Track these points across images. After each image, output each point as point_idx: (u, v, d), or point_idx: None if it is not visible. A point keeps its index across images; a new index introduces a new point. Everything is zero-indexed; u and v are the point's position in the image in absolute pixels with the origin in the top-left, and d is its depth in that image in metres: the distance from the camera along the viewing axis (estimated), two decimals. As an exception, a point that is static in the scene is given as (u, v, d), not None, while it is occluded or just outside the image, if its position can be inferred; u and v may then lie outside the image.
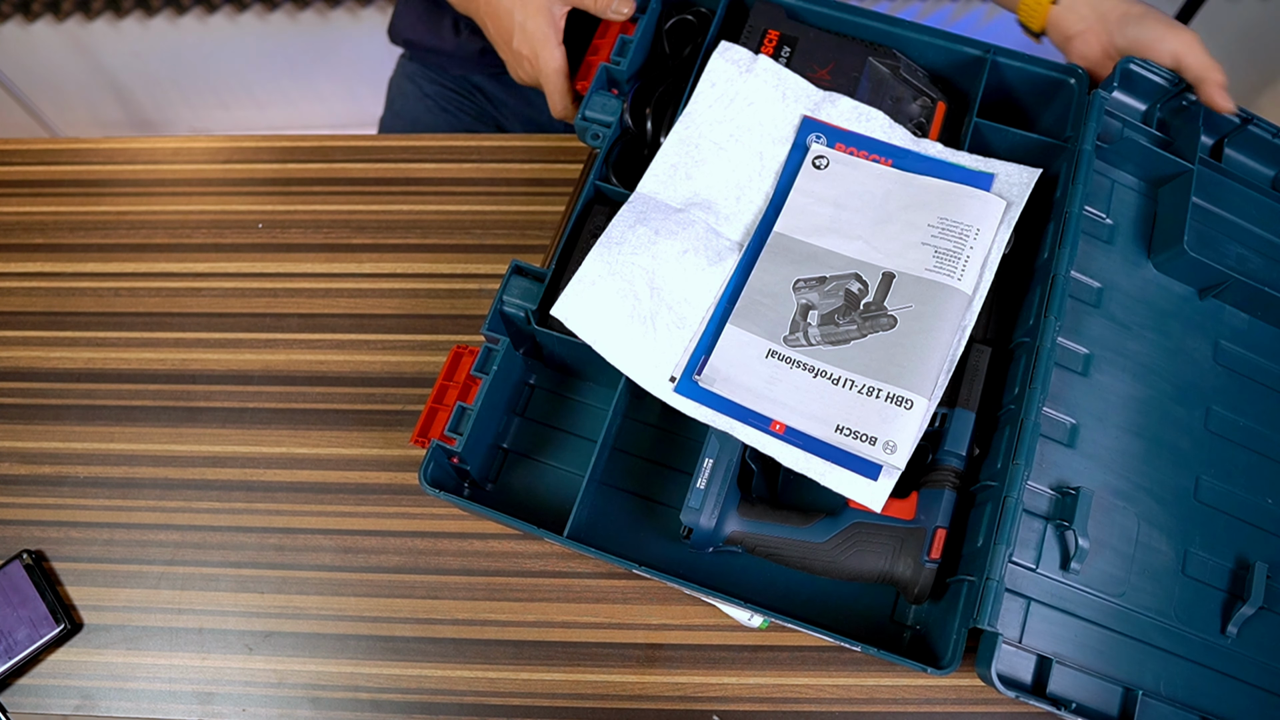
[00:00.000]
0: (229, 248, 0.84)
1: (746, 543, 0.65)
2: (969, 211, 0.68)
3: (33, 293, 0.83)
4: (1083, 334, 0.69)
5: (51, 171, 0.88)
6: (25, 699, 0.70)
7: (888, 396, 0.63)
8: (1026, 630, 0.63)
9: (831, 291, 0.67)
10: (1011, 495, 0.60)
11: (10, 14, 1.53)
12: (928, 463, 0.65)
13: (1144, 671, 0.64)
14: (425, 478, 0.64)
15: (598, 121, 0.72)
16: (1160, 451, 0.68)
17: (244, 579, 0.73)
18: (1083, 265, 0.70)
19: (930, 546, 0.62)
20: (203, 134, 1.54)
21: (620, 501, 0.71)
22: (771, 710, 0.69)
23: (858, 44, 0.74)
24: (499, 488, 0.73)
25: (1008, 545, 0.59)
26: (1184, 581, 0.66)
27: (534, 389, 0.75)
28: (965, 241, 0.67)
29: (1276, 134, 0.73)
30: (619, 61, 0.73)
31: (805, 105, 0.72)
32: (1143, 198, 0.74)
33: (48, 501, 0.76)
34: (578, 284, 0.65)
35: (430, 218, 0.85)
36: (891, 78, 0.73)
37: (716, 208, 0.70)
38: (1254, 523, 0.68)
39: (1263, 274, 0.73)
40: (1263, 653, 0.65)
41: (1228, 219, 0.74)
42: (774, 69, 0.73)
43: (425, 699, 0.70)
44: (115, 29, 1.56)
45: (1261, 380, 0.72)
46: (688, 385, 0.65)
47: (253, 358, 0.80)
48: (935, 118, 0.74)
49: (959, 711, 0.69)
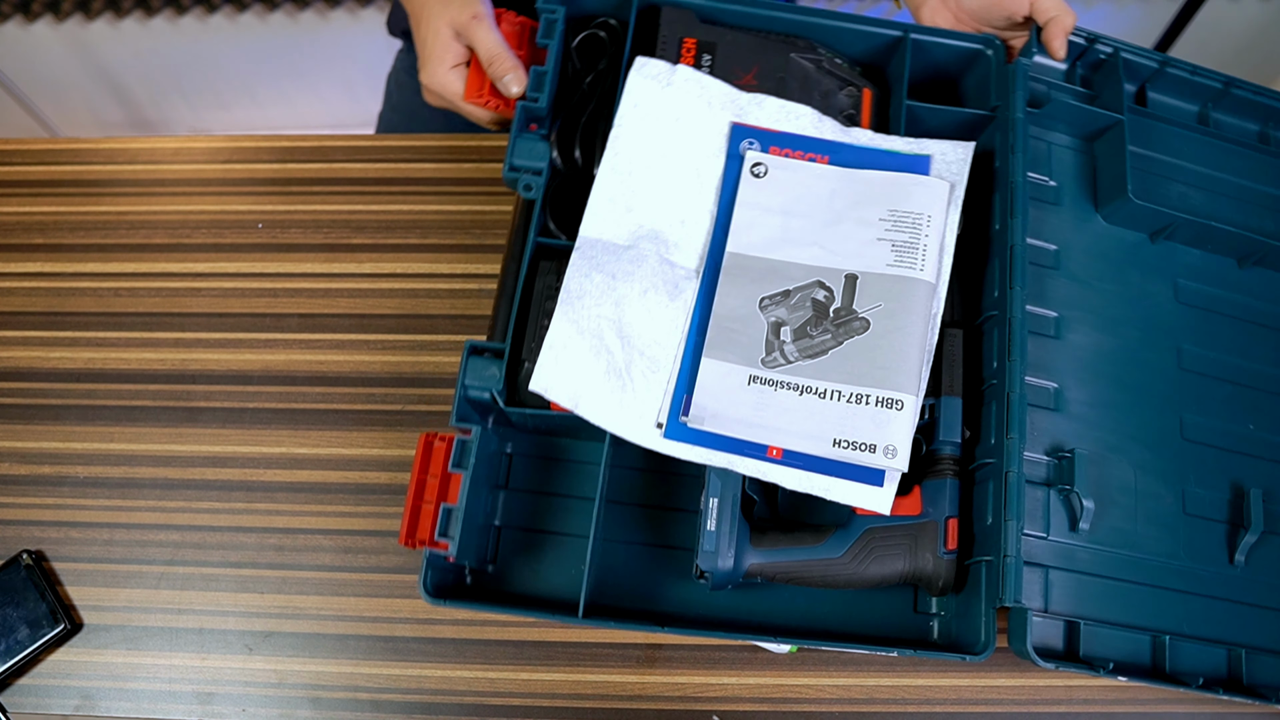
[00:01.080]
0: (229, 248, 0.84)
1: (766, 573, 0.63)
2: (916, 199, 0.67)
3: (33, 293, 0.83)
4: (1048, 298, 0.70)
5: (51, 171, 0.88)
6: (25, 699, 0.70)
7: (877, 401, 0.62)
8: (1050, 598, 0.63)
9: (798, 304, 0.66)
10: (1013, 470, 0.61)
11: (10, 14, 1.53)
12: (924, 454, 0.65)
13: (1166, 615, 0.65)
14: (427, 588, 0.61)
15: (527, 170, 0.68)
16: (1142, 399, 0.69)
17: (244, 579, 0.73)
18: (1035, 230, 0.71)
19: (945, 537, 0.62)
20: (203, 134, 1.54)
21: (627, 555, 0.69)
22: (771, 710, 0.69)
23: (778, 41, 0.73)
24: (500, 566, 0.70)
25: (1018, 520, 0.60)
26: (1187, 521, 0.67)
27: (512, 457, 0.72)
28: (919, 230, 0.66)
29: (1193, 71, 0.75)
30: (536, 97, 0.69)
31: (732, 111, 0.71)
32: (1080, 155, 0.75)
33: (48, 501, 0.76)
34: (549, 351, 0.63)
35: (430, 218, 0.85)
36: (816, 71, 0.73)
37: (664, 236, 0.68)
38: (1241, 450, 0.70)
39: (1205, 208, 0.75)
40: (1272, 575, 0.67)
41: (1163, 160, 0.75)
42: (695, 78, 0.70)
43: (425, 699, 0.70)
44: (115, 29, 1.56)
45: (1223, 311, 0.73)
46: (677, 428, 0.63)
47: (253, 358, 0.80)
48: (864, 105, 0.73)
49: (959, 711, 0.69)
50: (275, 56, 1.64)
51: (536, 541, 0.70)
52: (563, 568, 0.70)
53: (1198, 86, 0.76)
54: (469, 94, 0.73)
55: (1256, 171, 0.77)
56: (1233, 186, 0.76)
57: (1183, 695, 0.69)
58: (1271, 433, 0.71)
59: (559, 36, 0.71)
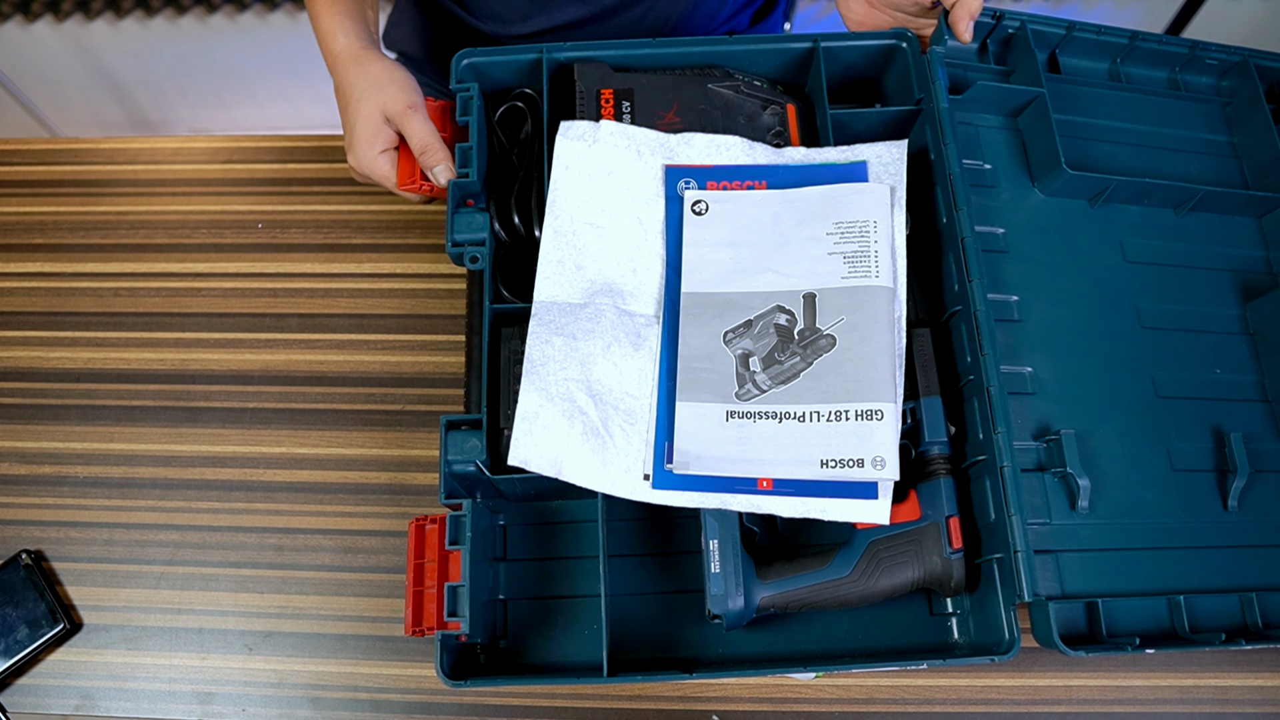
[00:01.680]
0: (229, 248, 0.84)
1: (778, 604, 0.63)
2: (859, 207, 0.67)
3: (33, 293, 0.83)
4: (1004, 282, 0.70)
5: (51, 171, 0.88)
6: (25, 699, 0.70)
7: (857, 414, 0.62)
8: (1064, 582, 0.63)
9: (761, 332, 0.65)
10: (1006, 465, 0.61)
11: (10, 14, 1.53)
12: (914, 459, 0.65)
13: (1175, 574, 0.65)
14: (445, 671, 0.59)
15: (470, 243, 0.68)
16: (1112, 365, 0.70)
17: (244, 579, 0.73)
18: (979, 216, 0.71)
19: (949, 537, 0.62)
20: (203, 134, 1.54)
21: (639, 606, 0.69)
22: (771, 710, 0.69)
23: (693, 76, 0.73)
24: (512, 640, 0.68)
25: (1021, 514, 0.60)
26: (1177, 477, 0.67)
27: (506, 528, 0.71)
28: (868, 238, 0.66)
29: (1099, 31, 0.76)
30: (466, 173, 0.69)
31: (662, 155, 0.71)
32: (1008, 132, 0.75)
33: (48, 501, 0.76)
34: (522, 424, 0.63)
35: (430, 218, 0.85)
36: (736, 97, 0.73)
37: (618, 287, 0.68)
38: (1214, 396, 0.70)
39: (1134, 163, 0.76)
40: (1266, 514, 0.68)
41: (1087, 123, 0.76)
42: (619, 130, 0.70)
43: (425, 699, 0.70)
44: (115, 29, 1.56)
45: (1169, 262, 0.74)
46: (664, 477, 0.63)
47: (253, 358, 0.80)
48: (790, 122, 0.73)
49: (959, 711, 0.69)
50: (275, 56, 1.64)
51: (545, 608, 0.69)
52: (577, 630, 0.68)
53: (1105, 45, 0.77)
54: (402, 181, 0.73)
55: (1172, 117, 0.78)
56: (1154, 136, 0.77)
57: (1182, 695, 0.69)
58: (1237, 373, 0.71)
59: (478, 111, 0.71)
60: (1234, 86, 0.80)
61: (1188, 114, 0.79)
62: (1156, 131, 0.78)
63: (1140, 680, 0.70)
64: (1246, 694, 0.70)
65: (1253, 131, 0.78)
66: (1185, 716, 0.69)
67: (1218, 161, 0.78)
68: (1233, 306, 0.73)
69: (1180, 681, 0.70)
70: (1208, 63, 0.79)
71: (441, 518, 0.63)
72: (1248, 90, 0.78)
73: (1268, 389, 0.71)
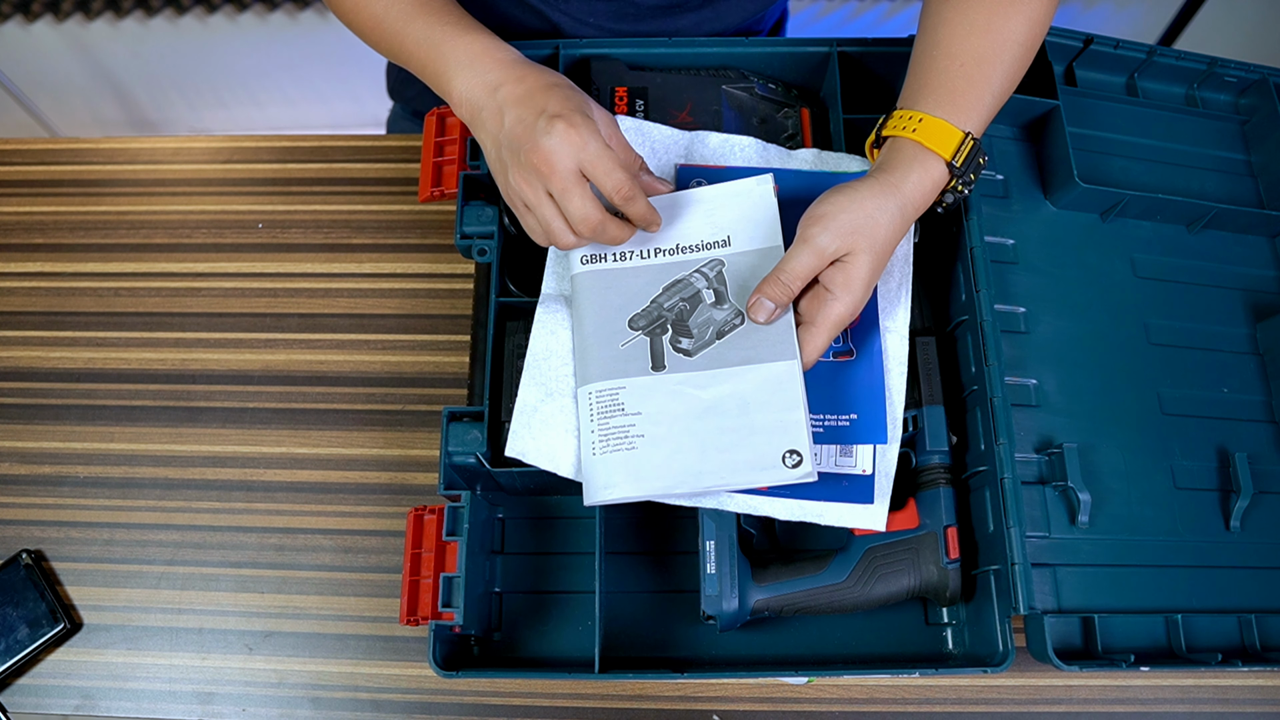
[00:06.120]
0: (229, 248, 0.84)
1: (772, 607, 0.63)
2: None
3: (33, 293, 0.83)
4: (1012, 293, 0.70)
5: (51, 171, 0.88)
6: (25, 699, 0.70)
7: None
8: (1061, 597, 0.63)
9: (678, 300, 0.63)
10: (1007, 476, 0.61)
11: (10, 14, 1.53)
12: (913, 467, 0.65)
13: (1173, 593, 0.65)
14: (437, 661, 0.60)
15: (479, 235, 0.68)
16: (1118, 380, 0.69)
17: (244, 579, 0.73)
18: (990, 226, 0.71)
19: (946, 547, 0.62)
20: (203, 134, 1.54)
21: (634, 604, 0.69)
22: (771, 710, 0.69)
23: (707, 76, 0.73)
24: (506, 633, 0.69)
25: (1020, 526, 0.60)
26: (1179, 495, 0.67)
27: (505, 522, 0.71)
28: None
29: (1116, 45, 0.76)
30: (477, 165, 0.69)
31: (676, 153, 0.70)
32: (1021, 144, 0.75)
33: (48, 501, 0.76)
34: (520, 417, 0.62)
35: (430, 218, 0.85)
36: (750, 99, 0.73)
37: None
38: (1220, 416, 0.70)
39: (1148, 178, 0.75)
40: (1268, 535, 0.67)
41: (1101, 137, 0.76)
42: (635, 125, 0.70)
43: (425, 699, 0.70)
44: (115, 29, 1.56)
45: (1180, 279, 0.73)
46: None
47: (253, 358, 0.80)
48: (804, 126, 0.73)
49: (959, 711, 0.69)
50: (275, 56, 1.64)
51: (540, 603, 0.70)
52: (570, 626, 0.69)
53: (1123, 59, 0.77)
54: (423, 194, 0.70)
55: (1188, 133, 0.78)
56: (1169, 152, 0.77)
57: (1182, 694, 0.69)
58: (1244, 393, 0.71)
59: None
60: (1252, 104, 0.79)
61: (1204, 130, 0.78)
62: (1172, 147, 0.77)
63: (1140, 680, 0.70)
64: (1247, 694, 0.70)
65: (1270, 150, 0.77)
66: (1186, 716, 0.69)
67: (1233, 179, 0.78)
68: (1242, 326, 0.73)
69: (1181, 681, 0.70)
70: (1226, 80, 0.78)
71: (440, 509, 0.63)
72: (1266, 108, 0.77)
73: (1275, 410, 0.71)
